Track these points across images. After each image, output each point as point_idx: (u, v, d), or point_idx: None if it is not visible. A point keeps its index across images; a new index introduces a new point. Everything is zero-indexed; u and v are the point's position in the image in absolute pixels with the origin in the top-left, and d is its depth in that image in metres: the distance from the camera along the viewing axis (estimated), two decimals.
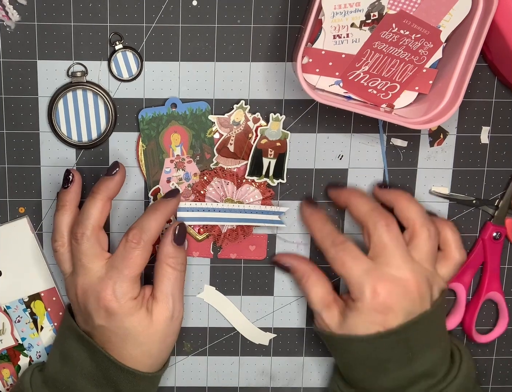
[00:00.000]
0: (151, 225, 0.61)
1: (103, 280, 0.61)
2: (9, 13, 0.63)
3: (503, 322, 0.72)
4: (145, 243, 0.61)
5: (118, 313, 0.60)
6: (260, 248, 0.69)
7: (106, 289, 0.60)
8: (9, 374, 0.70)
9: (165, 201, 0.63)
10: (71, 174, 0.63)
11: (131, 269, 0.60)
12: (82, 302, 0.62)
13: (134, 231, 0.61)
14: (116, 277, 0.60)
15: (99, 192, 0.62)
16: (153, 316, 0.62)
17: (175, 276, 0.62)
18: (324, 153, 0.68)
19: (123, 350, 0.62)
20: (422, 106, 0.64)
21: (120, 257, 0.61)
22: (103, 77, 0.65)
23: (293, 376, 0.73)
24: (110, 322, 0.61)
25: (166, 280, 0.62)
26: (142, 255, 0.61)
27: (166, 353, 0.64)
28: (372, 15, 0.61)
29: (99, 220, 0.62)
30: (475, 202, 0.69)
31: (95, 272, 0.61)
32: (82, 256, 0.61)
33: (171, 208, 0.63)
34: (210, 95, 0.66)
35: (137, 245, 0.60)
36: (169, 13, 0.64)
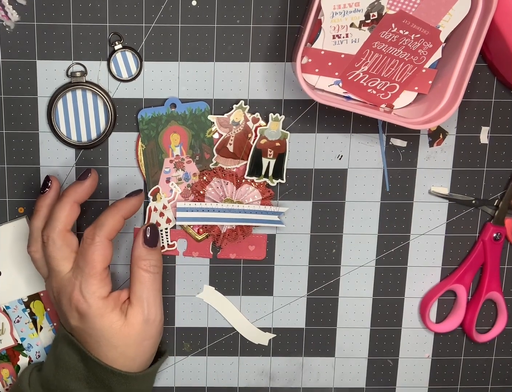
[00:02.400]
0: (106, 221, 0.61)
1: (70, 280, 0.61)
2: (9, 13, 0.63)
3: (502, 321, 0.72)
4: (100, 239, 0.60)
5: (88, 314, 0.61)
6: (260, 248, 0.69)
7: (74, 289, 0.61)
8: (9, 374, 0.70)
9: (124, 199, 0.63)
10: (50, 180, 0.64)
11: (90, 266, 0.60)
12: (57, 304, 0.63)
13: (89, 228, 0.61)
14: (80, 276, 0.61)
15: (66, 195, 0.62)
16: (127, 319, 0.62)
17: (148, 279, 0.62)
18: (323, 154, 0.68)
19: (99, 351, 0.62)
20: (421, 106, 0.64)
21: (80, 256, 0.61)
22: (102, 77, 0.65)
23: (292, 376, 0.73)
24: (83, 322, 0.61)
25: (139, 283, 0.62)
26: (99, 252, 0.60)
27: (145, 355, 0.64)
28: (372, 15, 0.61)
29: (65, 223, 0.61)
30: (475, 202, 0.69)
31: (65, 274, 0.61)
32: (50, 259, 0.61)
33: (130, 206, 0.62)
34: (210, 95, 0.66)
35: (92, 241, 0.60)
36: (169, 13, 0.64)
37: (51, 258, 0.61)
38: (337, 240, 0.70)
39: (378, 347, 0.73)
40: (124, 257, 0.69)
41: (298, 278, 0.71)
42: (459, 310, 0.71)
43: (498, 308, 0.72)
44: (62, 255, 0.61)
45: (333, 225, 0.69)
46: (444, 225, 0.70)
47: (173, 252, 0.69)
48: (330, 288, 0.71)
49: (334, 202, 0.69)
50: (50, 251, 0.61)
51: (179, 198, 0.67)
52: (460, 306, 0.71)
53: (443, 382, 0.74)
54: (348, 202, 0.69)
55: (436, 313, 0.72)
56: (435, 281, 0.71)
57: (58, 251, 0.61)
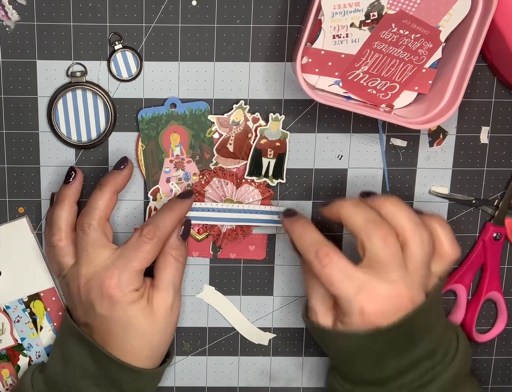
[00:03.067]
0: (165, 223, 0.62)
1: (109, 269, 0.61)
2: (9, 13, 0.63)
3: (502, 321, 0.72)
4: (158, 240, 0.62)
5: (120, 301, 0.61)
6: (260, 248, 0.69)
7: (112, 277, 0.61)
8: (9, 374, 0.70)
9: (180, 201, 0.64)
10: (74, 170, 0.65)
11: (141, 261, 0.61)
12: (84, 292, 0.62)
13: (149, 227, 0.62)
14: (123, 266, 0.61)
15: (106, 185, 0.63)
16: (153, 305, 0.63)
17: (176, 267, 0.64)
18: (323, 153, 0.68)
19: (124, 341, 0.62)
20: (421, 106, 0.64)
21: (131, 248, 0.62)
22: (102, 77, 0.65)
23: (292, 376, 0.73)
24: (112, 311, 0.61)
25: (169, 269, 0.63)
26: (153, 251, 0.62)
27: (165, 345, 0.65)
28: (372, 15, 0.61)
29: (105, 212, 0.63)
30: (475, 202, 0.69)
31: (100, 262, 0.62)
32: (89, 246, 0.62)
33: (185, 209, 0.64)
34: (210, 95, 0.66)
35: (150, 240, 0.61)
36: (169, 13, 0.64)
37: (91, 245, 0.62)
38: (337, 240, 0.70)
39: None
40: None
41: (298, 277, 0.71)
42: (459, 310, 0.71)
43: (498, 308, 0.72)
44: (101, 243, 0.62)
45: (333, 225, 0.69)
46: None
47: None
48: None
49: None
50: (91, 238, 0.62)
51: None
52: (460, 305, 0.71)
53: None
54: None
55: None
56: None
57: (98, 238, 0.62)
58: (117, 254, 0.62)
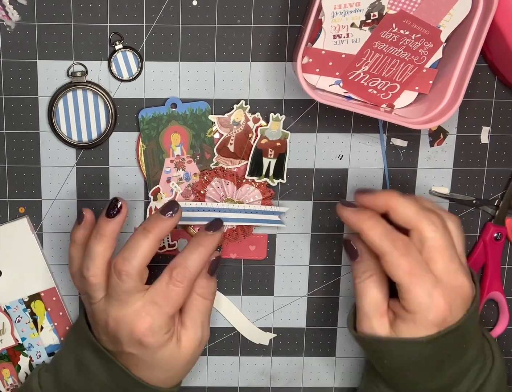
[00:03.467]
0: (195, 263, 0.59)
1: (140, 314, 0.59)
2: (9, 13, 0.63)
3: (503, 321, 0.72)
4: (188, 283, 0.59)
5: (151, 346, 0.60)
6: (260, 248, 0.69)
7: (144, 324, 0.59)
8: (9, 374, 0.70)
9: (210, 236, 0.60)
10: (120, 203, 0.60)
11: (172, 307, 0.59)
12: (113, 330, 0.60)
13: (179, 269, 0.59)
14: (155, 313, 0.59)
15: (152, 231, 0.59)
16: (181, 343, 0.61)
17: (205, 305, 0.62)
18: (324, 153, 0.68)
19: (151, 374, 0.62)
20: (422, 106, 0.64)
21: (161, 293, 0.59)
22: (103, 77, 0.65)
23: (293, 376, 0.73)
24: (141, 352, 0.60)
25: (196, 310, 0.62)
26: (184, 294, 0.60)
27: (187, 372, 0.65)
28: (372, 15, 0.61)
29: (147, 260, 0.59)
30: (475, 202, 0.69)
31: (131, 304, 0.59)
32: (123, 293, 0.59)
33: (216, 243, 0.61)
34: (210, 95, 0.66)
35: (181, 283, 0.59)
36: (169, 13, 0.64)
37: (124, 292, 0.59)
38: (337, 240, 0.70)
39: None
40: None
41: (298, 278, 0.71)
42: None
43: (499, 308, 0.72)
44: (135, 290, 0.59)
45: (333, 225, 0.69)
46: None
47: (173, 252, 0.69)
48: (331, 288, 0.71)
49: (334, 202, 0.68)
50: (126, 287, 0.59)
51: (180, 197, 0.67)
52: None
53: None
54: None
55: None
56: None
57: (133, 287, 0.59)
58: (148, 298, 0.59)
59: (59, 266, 0.69)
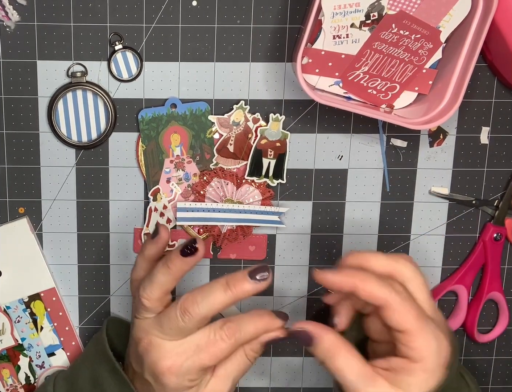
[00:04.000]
0: (249, 329, 0.57)
1: (175, 351, 0.57)
2: (9, 13, 0.63)
3: (503, 321, 0.72)
4: (236, 342, 0.57)
5: (168, 386, 0.57)
6: (260, 248, 0.69)
7: (172, 362, 0.56)
8: (9, 374, 0.71)
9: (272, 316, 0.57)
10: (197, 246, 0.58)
11: (211, 358, 0.57)
12: (141, 351, 0.58)
13: (231, 325, 0.57)
14: (190, 355, 0.56)
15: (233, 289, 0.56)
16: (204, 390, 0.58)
17: (245, 364, 0.59)
18: (324, 154, 0.68)
19: None
20: (422, 107, 0.64)
21: (207, 340, 0.57)
22: (103, 78, 0.65)
23: (293, 376, 0.73)
24: (157, 386, 0.58)
25: (236, 366, 0.58)
26: (228, 351, 0.57)
27: None
28: (372, 16, 0.61)
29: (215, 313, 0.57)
30: (475, 202, 0.69)
31: (173, 340, 0.57)
32: (176, 329, 0.57)
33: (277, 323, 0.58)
34: (210, 95, 0.66)
35: (228, 339, 0.56)
36: (169, 13, 0.64)
37: (178, 328, 0.57)
38: (337, 240, 0.70)
39: None
40: (123, 252, 0.69)
41: (298, 278, 0.71)
42: (461, 311, 0.71)
43: (499, 308, 0.72)
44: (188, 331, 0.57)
45: (333, 225, 0.69)
46: (444, 225, 0.70)
47: None
48: None
49: (334, 202, 0.69)
50: (181, 325, 0.56)
51: (180, 198, 0.67)
52: (461, 306, 0.71)
53: None
54: (348, 202, 0.69)
55: None
56: (436, 281, 0.71)
57: (188, 329, 0.57)
58: (191, 339, 0.57)
59: (59, 266, 0.69)
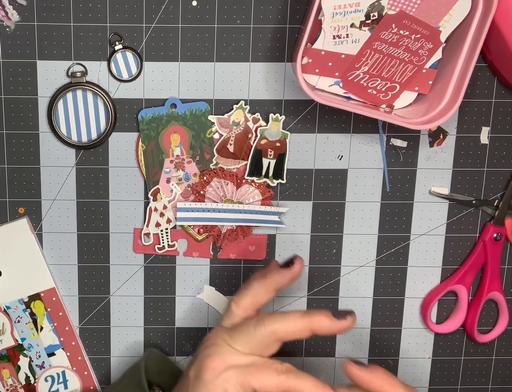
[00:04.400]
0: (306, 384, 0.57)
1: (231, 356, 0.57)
2: (9, 13, 0.63)
3: (503, 321, 0.72)
4: (287, 384, 0.56)
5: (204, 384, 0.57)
6: (260, 248, 0.69)
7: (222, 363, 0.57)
8: (9, 374, 0.71)
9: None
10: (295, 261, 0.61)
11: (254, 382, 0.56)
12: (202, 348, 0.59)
13: (292, 368, 0.57)
14: (239, 367, 0.57)
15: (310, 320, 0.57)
16: None
17: None
18: (323, 154, 0.68)
19: None
20: (421, 107, 0.64)
21: (261, 363, 0.57)
22: (102, 78, 0.65)
23: None
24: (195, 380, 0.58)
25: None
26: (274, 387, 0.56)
27: None
28: (372, 16, 0.61)
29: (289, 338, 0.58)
30: (475, 202, 0.69)
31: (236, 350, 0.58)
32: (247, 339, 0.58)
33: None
34: (210, 95, 0.66)
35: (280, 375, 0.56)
36: (169, 14, 0.64)
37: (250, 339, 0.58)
38: (337, 240, 0.70)
39: (378, 347, 0.73)
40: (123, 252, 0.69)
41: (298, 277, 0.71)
42: (461, 311, 0.71)
43: (499, 308, 0.72)
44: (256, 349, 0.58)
45: (333, 225, 0.69)
46: (444, 225, 0.70)
47: (173, 252, 0.69)
48: (330, 288, 0.71)
49: (334, 202, 0.69)
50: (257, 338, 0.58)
51: (180, 198, 0.68)
52: (461, 306, 0.71)
53: (443, 382, 0.74)
54: (348, 202, 0.69)
55: (437, 314, 0.72)
56: (436, 281, 0.71)
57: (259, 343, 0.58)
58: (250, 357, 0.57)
59: (59, 266, 0.69)
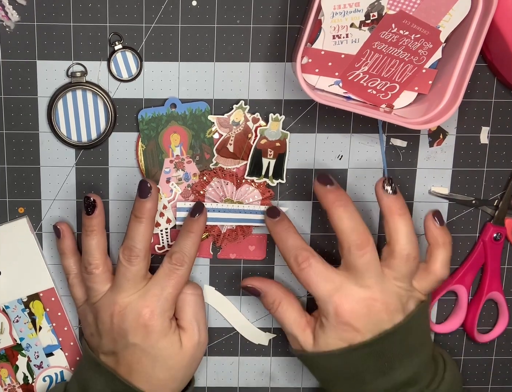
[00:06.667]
0: (189, 247, 0.63)
1: (145, 297, 0.63)
2: (9, 13, 0.63)
3: (503, 321, 0.72)
4: (187, 265, 0.63)
5: (155, 331, 0.62)
6: (260, 248, 0.69)
7: (148, 306, 0.62)
8: (7, 374, 0.70)
9: (195, 221, 0.64)
10: (92, 199, 0.64)
11: (175, 287, 0.63)
12: (118, 320, 0.63)
13: (177, 255, 0.63)
14: (159, 294, 0.62)
15: (142, 216, 0.63)
16: (182, 342, 0.64)
17: (194, 301, 0.65)
18: (323, 154, 0.68)
19: (152, 372, 0.63)
20: (421, 107, 0.64)
21: (164, 276, 0.63)
22: (102, 78, 0.65)
23: (292, 376, 0.73)
24: (145, 340, 0.62)
25: (187, 307, 0.65)
26: (185, 275, 0.63)
27: (189, 377, 0.66)
28: (372, 15, 0.61)
29: (148, 243, 0.63)
30: (475, 202, 0.69)
31: (137, 291, 0.63)
32: (132, 276, 0.63)
33: (202, 225, 0.65)
34: (210, 95, 0.66)
35: (181, 266, 0.63)
36: (169, 13, 0.64)
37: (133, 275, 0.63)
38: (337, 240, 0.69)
39: None
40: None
41: None
42: (460, 311, 0.71)
43: (499, 308, 0.72)
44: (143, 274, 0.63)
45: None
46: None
47: None
48: None
49: None
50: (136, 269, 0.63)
51: (179, 198, 0.67)
52: (461, 306, 0.71)
53: None
54: None
55: (437, 314, 0.72)
56: None
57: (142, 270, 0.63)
58: (151, 283, 0.63)
59: (58, 266, 0.69)
